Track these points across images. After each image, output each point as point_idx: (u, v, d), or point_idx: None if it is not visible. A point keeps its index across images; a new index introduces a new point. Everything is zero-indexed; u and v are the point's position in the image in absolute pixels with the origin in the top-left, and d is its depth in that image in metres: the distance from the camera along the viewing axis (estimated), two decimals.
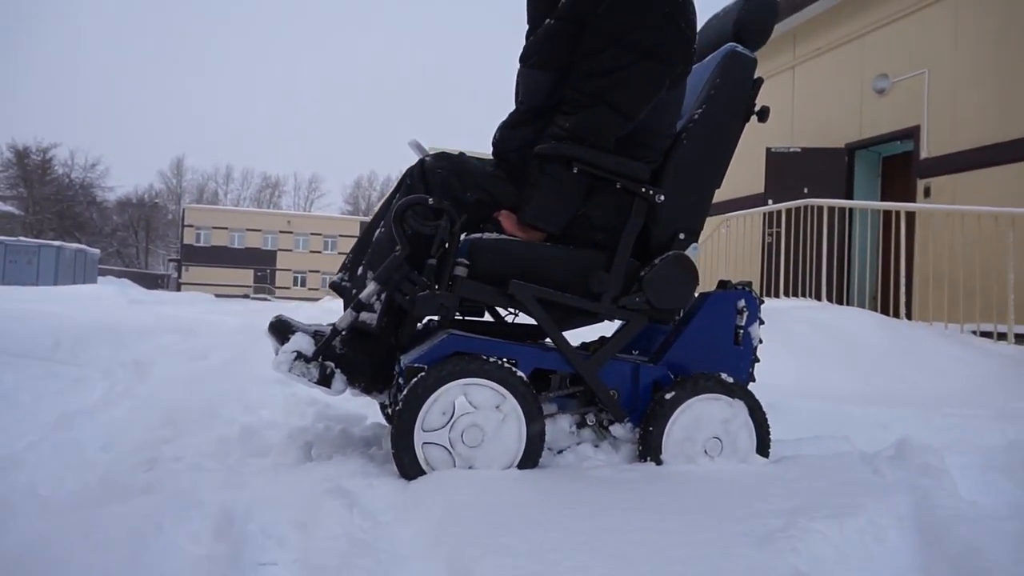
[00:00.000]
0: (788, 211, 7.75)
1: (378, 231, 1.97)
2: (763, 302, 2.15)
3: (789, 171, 8.88)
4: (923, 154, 7.73)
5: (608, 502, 1.46)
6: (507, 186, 1.99)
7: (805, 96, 9.60)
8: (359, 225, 59.59)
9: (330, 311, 9.71)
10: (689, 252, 1.99)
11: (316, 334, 1.89)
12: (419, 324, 2.06)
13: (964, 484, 1.70)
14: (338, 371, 1.84)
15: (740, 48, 2.09)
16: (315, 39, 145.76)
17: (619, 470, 1.78)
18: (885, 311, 7.50)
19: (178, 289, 44.49)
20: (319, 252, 58.56)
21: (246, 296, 43.71)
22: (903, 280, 6.33)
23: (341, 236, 58.61)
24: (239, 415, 2.38)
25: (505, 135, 2.08)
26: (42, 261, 22.59)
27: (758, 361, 2.11)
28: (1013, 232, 5.33)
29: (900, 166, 8.51)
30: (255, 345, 5.09)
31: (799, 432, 2.30)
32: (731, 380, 1.93)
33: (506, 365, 1.76)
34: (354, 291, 1.91)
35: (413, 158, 2.06)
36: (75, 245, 26.03)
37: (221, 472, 1.65)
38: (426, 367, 1.70)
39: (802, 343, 3.80)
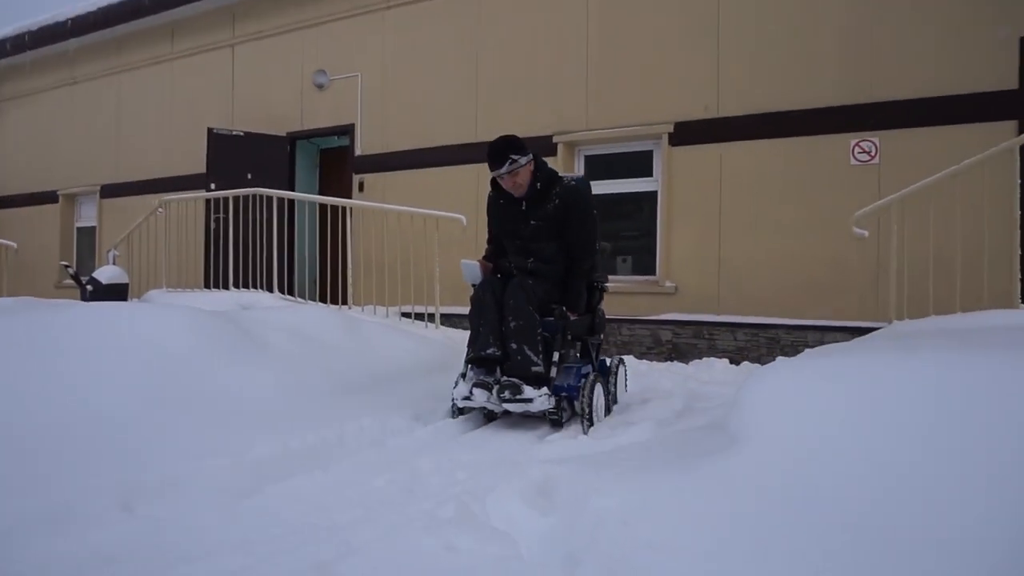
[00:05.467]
0: (235, 198, 7.47)
1: (513, 323, 3.43)
2: None
3: (232, 154, 8.57)
4: (358, 151, 8.38)
5: None
6: (557, 294, 3.66)
7: (247, 78, 9.37)
8: None
9: None
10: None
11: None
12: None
13: None
14: None
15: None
16: None
17: None
18: (323, 297, 7.93)
19: None
20: None
21: None
22: (349, 269, 6.77)
23: None
24: None
25: (515, 261, 3.81)
26: None
27: None
28: (438, 232, 6.18)
29: (338, 159, 9.06)
30: None
31: None
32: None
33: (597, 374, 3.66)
34: (518, 359, 3.39)
35: None
36: None
37: None
38: (585, 378, 3.50)
39: (282, 352, 3.66)
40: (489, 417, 3.66)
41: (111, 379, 2.99)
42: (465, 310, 7.47)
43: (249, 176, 8.41)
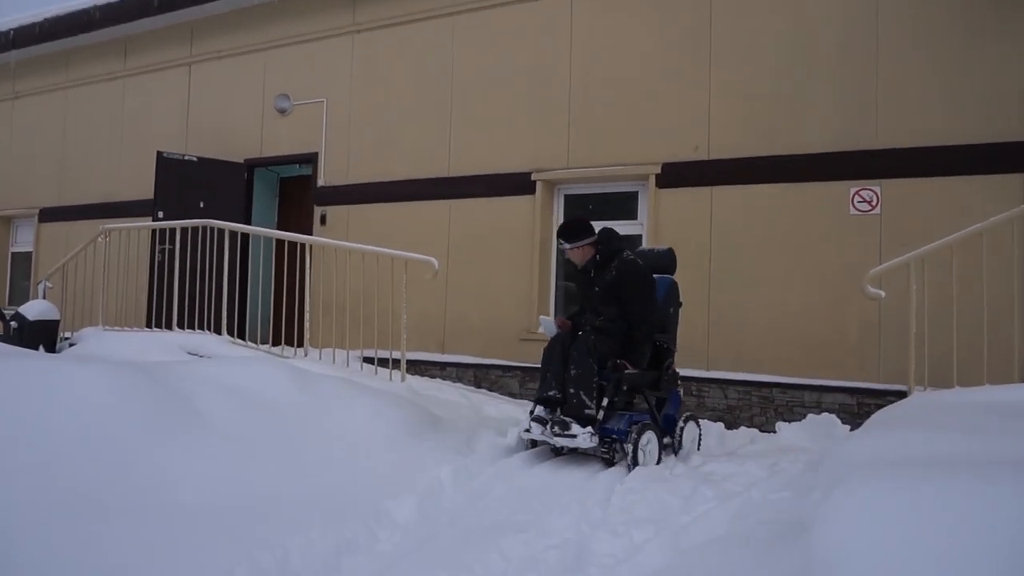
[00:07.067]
0: (183, 229, 6.83)
1: (573, 371, 3.96)
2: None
3: (183, 181, 7.93)
4: (320, 182, 7.82)
5: None
6: (616, 347, 4.14)
7: (204, 100, 8.76)
8: None
9: None
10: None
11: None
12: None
13: None
14: None
15: (674, 278, 4.62)
16: None
17: None
18: (277, 339, 7.32)
19: None
20: None
21: None
22: (306, 308, 6.18)
23: None
24: None
25: (587, 319, 4.29)
26: None
27: None
28: (406, 273, 5.64)
29: (298, 189, 8.48)
30: None
31: None
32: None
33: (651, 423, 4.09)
34: (574, 401, 3.93)
35: None
36: None
37: None
38: (635, 427, 3.91)
39: (224, 427, 3.07)
40: (556, 452, 4.19)
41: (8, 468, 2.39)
42: (435, 357, 7.08)
43: (201, 205, 7.79)
